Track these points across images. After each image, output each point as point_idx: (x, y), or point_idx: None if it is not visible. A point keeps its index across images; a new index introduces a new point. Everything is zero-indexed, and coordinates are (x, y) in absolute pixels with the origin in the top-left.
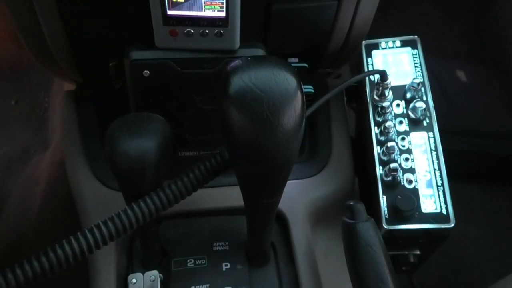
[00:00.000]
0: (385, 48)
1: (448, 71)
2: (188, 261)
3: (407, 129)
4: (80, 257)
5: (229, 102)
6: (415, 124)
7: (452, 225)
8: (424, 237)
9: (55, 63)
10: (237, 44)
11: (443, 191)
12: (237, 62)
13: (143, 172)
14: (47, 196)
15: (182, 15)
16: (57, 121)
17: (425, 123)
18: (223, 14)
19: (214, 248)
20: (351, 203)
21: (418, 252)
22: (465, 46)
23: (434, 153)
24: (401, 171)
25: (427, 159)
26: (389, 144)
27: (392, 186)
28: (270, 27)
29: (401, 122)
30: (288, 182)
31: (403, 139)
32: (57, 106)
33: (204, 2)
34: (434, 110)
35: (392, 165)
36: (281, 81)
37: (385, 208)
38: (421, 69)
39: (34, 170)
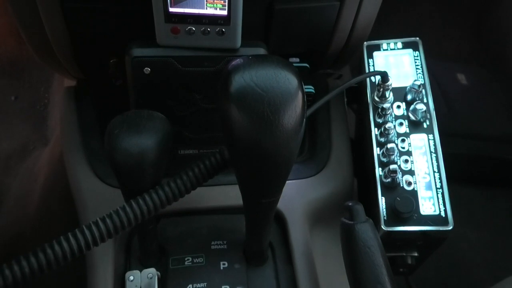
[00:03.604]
0: (387, 49)
1: (449, 73)
2: (186, 259)
3: (407, 131)
4: (77, 254)
5: (229, 100)
6: (415, 126)
7: (450, 228)
8: (422, 239)
9: (55, 59)
10: (239, 43)
11: (442, 193)
12: (238, 61)
13: (142, 169)
14: (46, 192)
15: (184, 12)
16: (56, 117)
17: (425, 125)
18: (225, 13)
19: (212, 247)
20: (350, 203)
21: (416, 254)
22: (466, 48)
23: (433, 155)
24: (400, 172)
25: (427, 161)
26: (389, 145)
27: (391, 187)
28: (272, 26)
29: (401, 124)
30: (287, 182)
31: (403, 141)
32: (57, 102)
33: (206, 0)
34: (434, 112)
35: (392, 166)
36: (282, 80)
37: (384, 210)
38: (422, 71)
39: (33, 166)
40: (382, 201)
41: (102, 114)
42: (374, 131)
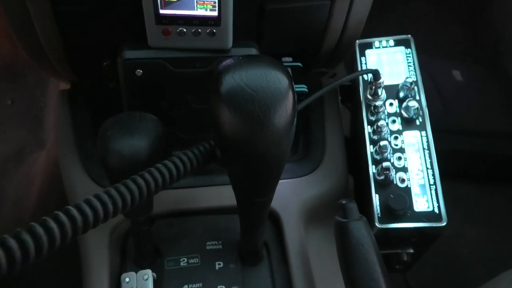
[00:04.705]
0: (379, 47)
1: (443, 70)
2: (181, 260)
3: (400, 128)
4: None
5: (220, 101)
6: (408, 123)
7: (444, 224)
8: (417, 235)
9: (48, 62)
10: (230, 44)
11: (436, 190)
12: (228, 61)
13: (134, 171)
14: (43, 195)
15: (174, 14)
16: (53, 120)
17: (418, 122)
18: (215, 13)
19: (207, 247)
20: (344, 202)
21: (411, 250)
22: (460, 45)
23: (426, 152)
24: (393, 170)
25: (420, 158)
26: (382, 143)
27: (385, 185)
28: (263, 26)
29: (394, 121)
30: (281, 181)
31: (396, 138)
32: (53, 105)
33: (197, 1)
34: (427, 109)
35: (385, 164)
36: (273, 80)
37: (378, 207)
38: (415, 68)
39: (30, 169)
40: (375, 199)
41: (96, 116)
42: (367, 128)
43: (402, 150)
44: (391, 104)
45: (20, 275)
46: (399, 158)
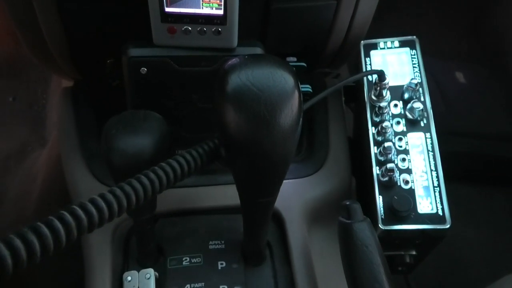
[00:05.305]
0: (384, 48)
1: (447, 72)
2: (184, 259)
3: (404, 129)
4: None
5: (226, 100)
6: (413, 124)
7: (448, 226)
8: (420, 237)
9: (52, 59)
10: (235, 43)
11: (440, 192)
12: (234, 61)
13: (138, 169)
14: (45, 193)
15: (180, 12)
16: (54, 118)
17: (422, 124)
18: (221, 12)
19: (210, 247)
20: (348, 203)
21: (414, 252)
22: (464, 47)
23: (431, 154)
24: (397, 171)
25: (424, 159)
26: (386, 144)
27: (389, 186)
28: (268, 26)
29: (398, 123)
30: (285, 181)
31: (400, 139)
32: (54, 103)
33: None
34: (431, 110)
35: (389, 165)
36: (279, 80)
37: (381, 208)
38: (419, 70)
39: (31, 167)
40: (379, 200)
41: (99, 115)
42: (371, 130)
43: (406, 152)
44: (395, 105)
45: (21, 274)
46: (403, 160)
